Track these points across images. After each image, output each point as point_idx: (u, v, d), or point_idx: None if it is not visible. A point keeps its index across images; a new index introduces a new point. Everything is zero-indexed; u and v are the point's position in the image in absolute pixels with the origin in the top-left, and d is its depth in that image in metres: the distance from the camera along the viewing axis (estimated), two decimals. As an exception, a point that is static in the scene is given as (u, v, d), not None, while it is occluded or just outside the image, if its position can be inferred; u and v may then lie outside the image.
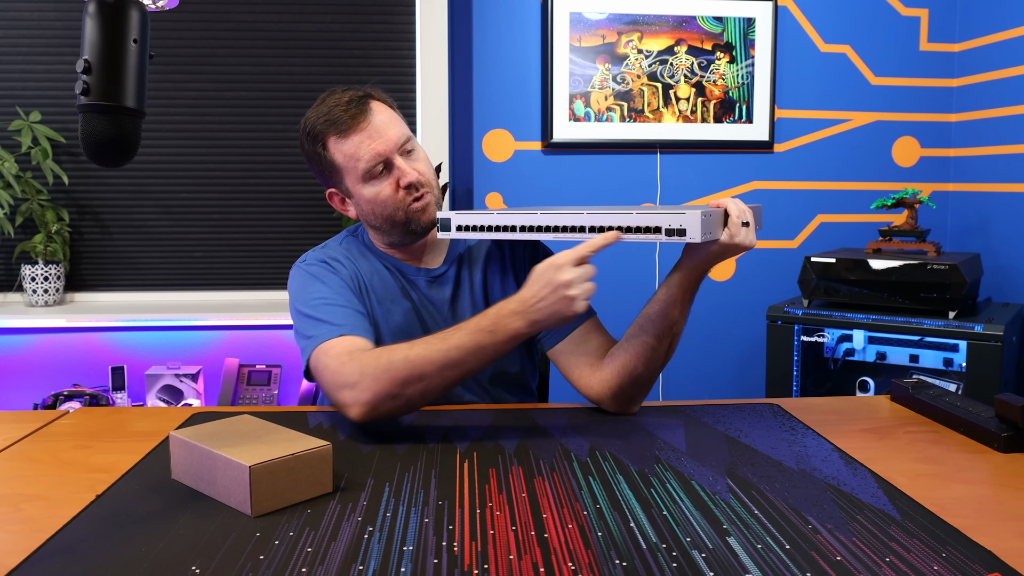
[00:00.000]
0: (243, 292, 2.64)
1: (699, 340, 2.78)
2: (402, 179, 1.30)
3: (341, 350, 1.18)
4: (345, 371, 1.15)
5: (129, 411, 1.34)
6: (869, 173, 2.81)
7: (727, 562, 0.78)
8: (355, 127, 1.30)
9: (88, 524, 0.87)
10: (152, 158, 2.55)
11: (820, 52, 2.75)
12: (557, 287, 1.10)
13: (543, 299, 1.11)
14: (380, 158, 1.30)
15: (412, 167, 1.32)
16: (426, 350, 1.14)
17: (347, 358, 1.16)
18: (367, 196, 1.33)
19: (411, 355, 1.13)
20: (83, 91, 0.80)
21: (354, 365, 1.15)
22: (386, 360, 1.14)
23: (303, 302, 1.29)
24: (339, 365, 1.16)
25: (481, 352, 1.13)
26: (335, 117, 1.30)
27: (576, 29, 2.65)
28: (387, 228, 1.35)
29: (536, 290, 1.11)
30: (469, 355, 1.13)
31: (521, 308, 1.12)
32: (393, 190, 1.31)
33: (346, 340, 1.20)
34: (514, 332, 1.13)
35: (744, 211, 1.18)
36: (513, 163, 2.69)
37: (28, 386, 2.54)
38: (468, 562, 0.78)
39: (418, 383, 1.13)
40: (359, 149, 1.30)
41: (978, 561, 0.78)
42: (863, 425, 1.22)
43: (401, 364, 1.13)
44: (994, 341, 2.08)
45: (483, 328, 1.13)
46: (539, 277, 1.12)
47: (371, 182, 1.32)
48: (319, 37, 2.56)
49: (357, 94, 1.32)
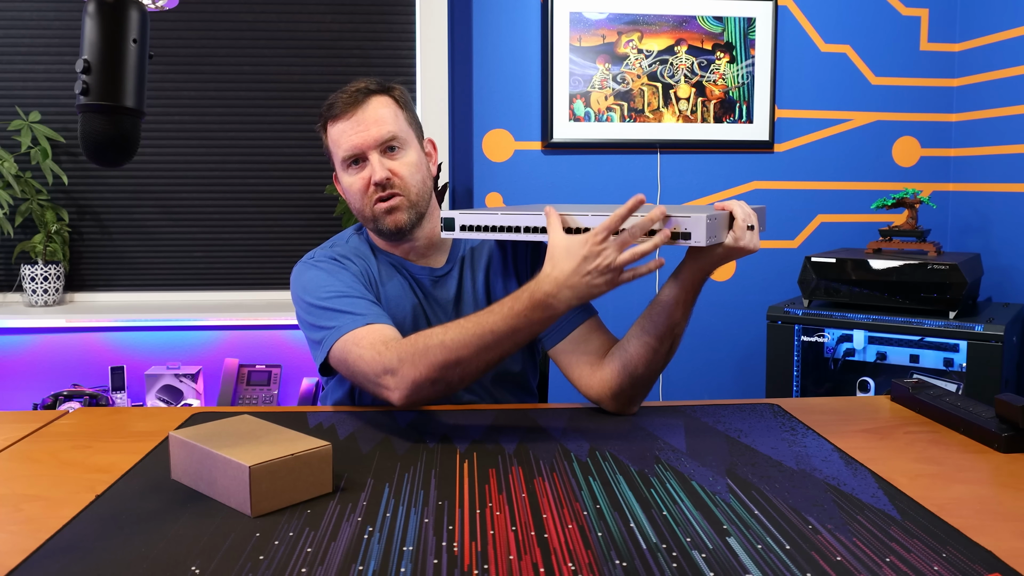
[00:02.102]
0: (243, 292, 2.64)
1: (699, 340, 2.78)
2: (371, 176, 1.31)
3: (375, 339, 1.19)
4: (383, 359, 1.16)
5: (129, 411, 1.34)
6: (869, 173, 2.81)
7: (727, 562, 0.78)
8: (344, 114, 1.32)
9: (88, 524, 0.87)
10: (152, 158, 2.55)
11: (820, 52, 2.75)
12: (590, 264, 1.09)
13: (579, 275, 1.09)
14: (354, 150, 1.32)
15: (386, 165, 1.32)
16: (461, 334, 1.14)
17: (383, 347, 1.17)
18: (344, 185, 1.37)
19: (447, 340, 1.14)
20: (83, 91, 0.80)
21: (391, 352, 1.16)
22: (423, 345, 1.15)
23: (315, 295, 1.29)
24: (375, 354, 1.17)
25: (516, 335, 1.13)
26: (334, 102, 1.34)
27: (576, 29, 2.65)
28: (364, 222, 1.38)
29: (571, 265, 1.10)
30: (505, 338, 1.13)
31: (556, 288, 1.11)
32: (363, 185, 1.33)
33: (374, 328, 1.22)
34: (550, 313, 1.12)
35: (749, 214, 1.17)
36: (513, 163, 2.69)
37: (28, 386, 2.54)
38: (468, 562, 0.78)
39: (455, 367, 1.14)
40: (341, 136, 1.33)
41: (978, 561, 0.78)
42: (863, 425, 1.22)
43: (438, 349, 1.14)
44: (994, 341, 2.08)
45: (518, 312, 1.12)
46: (572, 251, 1.10)
47: (348, 171, 1.35)
48: (319, 37, 2.56)
49: (367, 86, 1.34)
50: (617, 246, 1.09)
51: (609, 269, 1.09)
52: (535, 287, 1.12)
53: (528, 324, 1.13)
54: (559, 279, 1.10)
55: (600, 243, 1.09)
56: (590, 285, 1.10)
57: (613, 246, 1.09)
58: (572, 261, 1.10)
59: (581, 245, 1.09)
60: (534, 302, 1.12)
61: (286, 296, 2.62)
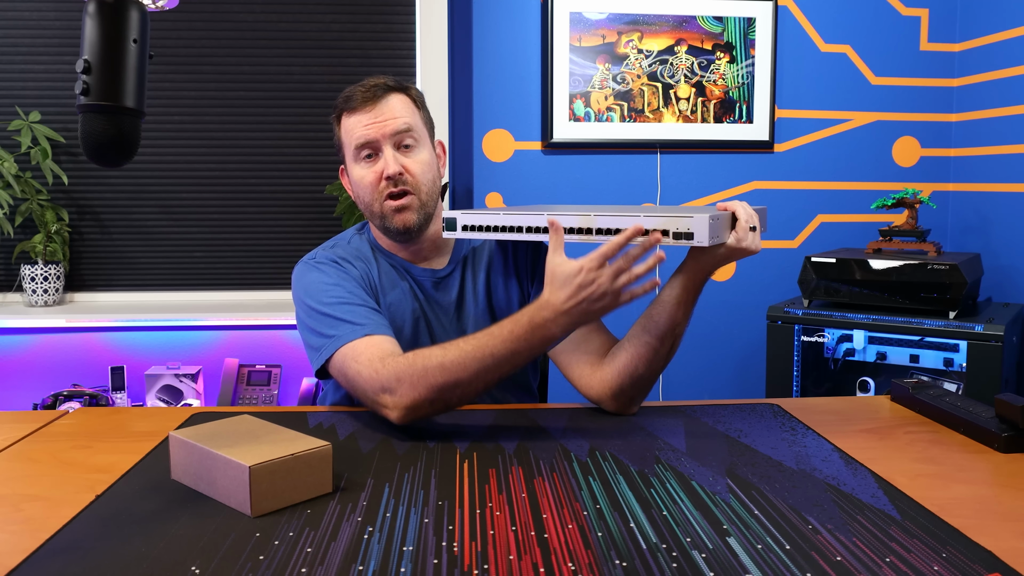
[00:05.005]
0: (243, 292, 2.64)
1: (699, 340, 2.78)
2: (384, 170, 1.31)
3: (372, 355, 1.19)
4: (380, 377, 1.16)
5: (129, 411, 1.34)
6: (869, 173, 2.81)
7: (727, 562, 0.78)
8: (361, 107, 1.33)
9: (88, 524, 0.87)
10: (152, 158, 2.55)
11: (820, 52, 2.75)
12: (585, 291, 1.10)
13: (575, 302, 1.10)
14: (368, 140, 1.32)
15: (399, 161, 1.32)
16: (460, 356, 1.14)
17: (379, 364, 1.17)
18: (355, 178, 1.36)
19: (446, 362, 1.14)
20: (83, 91, 0.80)
21: (389, 371, 1.15)
22: (421, 367, 1.14)
23: (316, 299, 1.29)
24: (372, 372, 1.17)
25: (516, 358, 1.14)
26: (351, 95, 1.34)
27: (576, 29, 2.65)
28: (370, 217, 1.37)
29: (568, 293, 1.11)
30: (504, 362, 1.14)
31: (553, 315, 1.12)
32: (375, 178, 1.33)
33: (373, 341, 1.21)
34: (549, 337, 1.14)
35: (752, 215, 1.18)
36: (513, 163, 2.69)
37: (28, 386, 2.54)
38: (468, 562, 0.78)
39: (454, 389, 1.14)
40: (356, 127, 1.33)
41: (978, 561, 0.78)
42: (863, 425, 1.22)
43: (437, 371, 1.13)
44: (994, 341, 2.08)
45: (518, 336, 1.13)
46: (568, 279, 1.11)
47: (359, 163, 1.34)
48: (319, 37, 2.56)
49: (386, 82, 1.34)
50: (611, 275, 1.10)
51: (605, 295, 1.10)
52: (534, 312, 1.13)
53: (528, 348, 1.14)
54: (556, 306, 1.12)
55: (595, 270, 1.10)
56: (586, 312, 1.11)
57: (607, 274, 1.10)
58: (568, 289, 1.11)
59: (576, 273, 1.10)
60: (533, 326, 1.13)
61: (286, 296, 2.62)
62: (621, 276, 1.10)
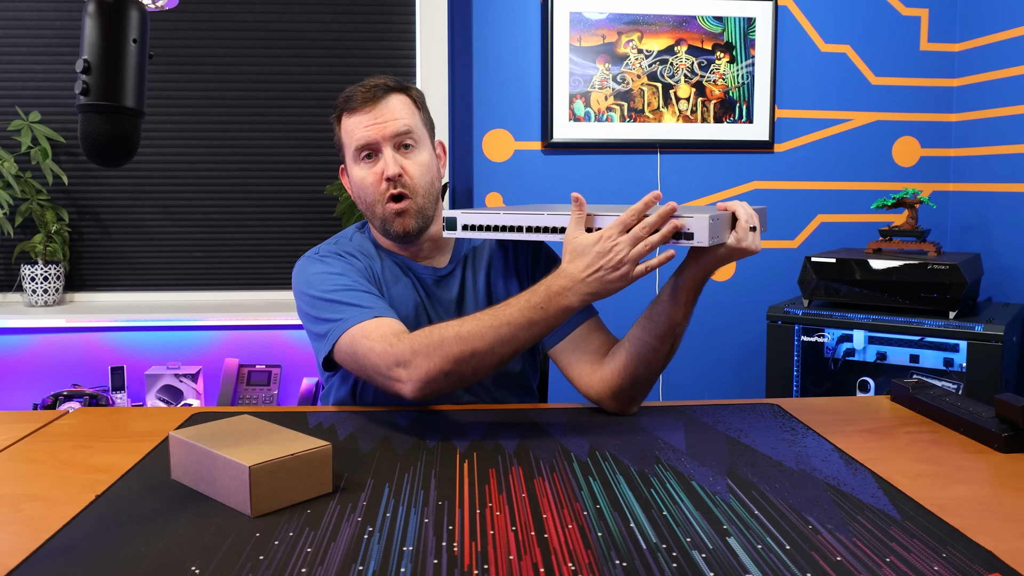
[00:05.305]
0: (243, 292, 2.64)
1: (699, 340, 2.78)
2: (384, 170, 1.31)
3: (386, 331, 1.19)
4: (395, 351, 1.15)
5: (129, 411, 1.34)
6: (869, 173, 2.81)
7: (727, 562, 0.78)
8: (361, 107, 1.33)
9: (88, 524, 0.87)
10: (152, 158, 2.55)
11: (820, 52, 2.75)
12: (603, 259, 1.10)
13: (593, 270, 1.11)
14: (368, 141, 1.32)
15: (399, 162, 1.32)
16: (477, 327, 1.14)
17: (394, 339, 1.17)
18: (355, 178, 1.36)
19: (462, 332, 1.14)
20: (83, 91, 0.80)
21: (404, 344, 1.15)
22: (437, 337, 1.14)
23: (320, 288, 1.29)
24: (387, 346, 1.17)
25: (532, 328, 1.14)
26: (351, 95, 1.34)
27: (576, 29, 2.65)
28: (371, 218, 1.37)
29: (586, 261, 1.11)
30: (520, 331, 1.13)
31: (571, 283, 1.12)
32: (376, 179, 1.33)
33: (383, 321, 1.21)
34: (566, 307, 1.13)
35: (752, 215, 1.18)
36: (513, 163, 2.69)
37: (28, 386, 2.54)
38: (468, 562, 0.78)
39: (470, 360, 1.14)
40: (356, 128, 1.33)
41: (978, 561, 0.78)
42: (863, 425, 1.22)
43: (453, 341, 1.13)
44: (994, 341, 2.08)
45: (535, 305, 1.13)
46: (587, 248, 1.11)
47: (360, 164, 1.34)
48: (319, 37, 2.56)
49: (387, 83, 1.34)
50: (629, 242, 1.10)
51: (622, 263, 1.10)
52: (552, 281, 1.13)
53: (544, 317, 1.13)
54: (574, 275, 1.12)
55: (613, 238, 1.10)
56: (604, 281, 1.11)
57: (626, 241, 1.10)
58: (587, 257, 1.11)
59: (595, 242, 1.11)
60: (550, 294, 1.13)
61: (286, 296, 2.62)
62: (639, 244, 1.10)
